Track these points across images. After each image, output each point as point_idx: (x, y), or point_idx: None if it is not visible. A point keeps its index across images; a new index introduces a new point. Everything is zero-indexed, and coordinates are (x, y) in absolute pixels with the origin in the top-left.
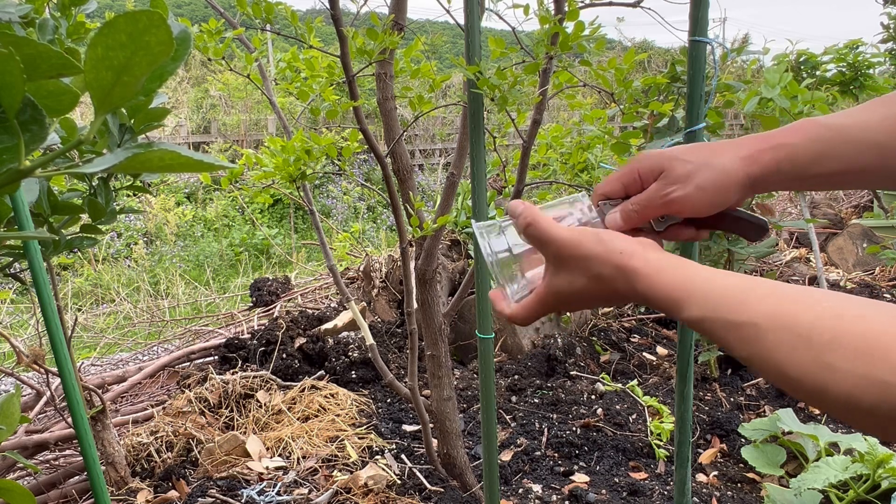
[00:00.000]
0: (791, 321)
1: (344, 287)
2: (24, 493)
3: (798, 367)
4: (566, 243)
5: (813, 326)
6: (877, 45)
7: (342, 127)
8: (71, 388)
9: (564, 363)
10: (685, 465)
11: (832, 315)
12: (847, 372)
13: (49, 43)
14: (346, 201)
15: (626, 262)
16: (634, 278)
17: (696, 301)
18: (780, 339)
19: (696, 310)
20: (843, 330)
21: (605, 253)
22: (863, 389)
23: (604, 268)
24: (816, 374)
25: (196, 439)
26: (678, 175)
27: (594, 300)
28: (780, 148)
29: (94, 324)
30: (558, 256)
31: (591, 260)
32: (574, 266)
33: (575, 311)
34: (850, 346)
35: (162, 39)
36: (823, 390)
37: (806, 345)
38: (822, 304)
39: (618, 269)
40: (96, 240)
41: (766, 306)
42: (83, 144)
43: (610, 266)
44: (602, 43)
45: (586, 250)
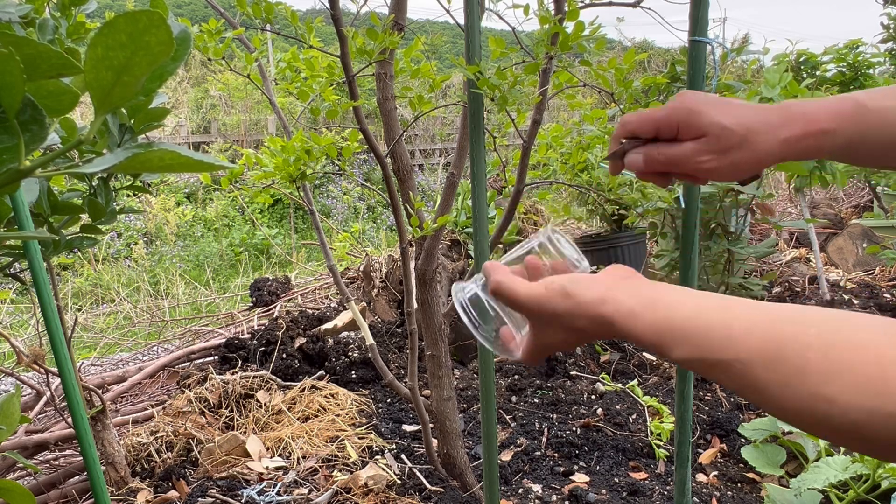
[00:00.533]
0: (780, 355)
1: (344, 287)
2: (24, 493)
3: (794, 402)
4: (533, 305)
5: (805, 359)
6: (877, 45)
7: (342, 127)
8: (71, 388)
9: (564, 363)
10: (685, 465)
11: (824, 344)
12: (847, 404)
13: (49, 43)
14: (346, 201)
15: (598, 312)
16: (611, 326)
17: (678, 343)
18: (772, 375)
19: (679, 352)
20: (838, 360)
21: (574, 307)
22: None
23: (577, 321)
24: (814, 407)
25: (196, 439)
26: (718, 145)
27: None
28: (821, 135)
29: (94, 324)
30: (531, 317)
31: (563, 317)
32: (549, 323)
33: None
34: (848, 379)
35: (162, 39)
36: (823, 422)
37: (800, 379)
38: (810, 334)
39: (592, 320)
40: (96, 240)
41: (753, 341)
42: (83, 144)
43: (584, 319)
44: (602, 43)
45: (554, 308)
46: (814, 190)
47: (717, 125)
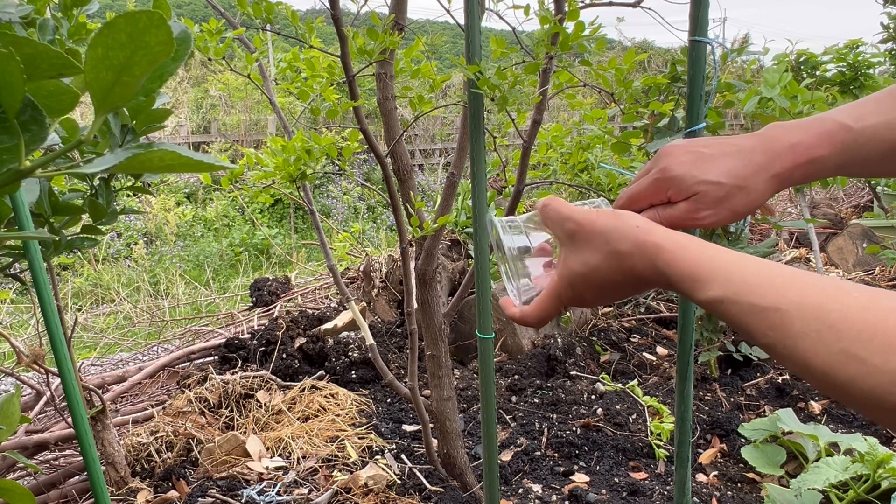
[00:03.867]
0: (819, 309)
1: (344, 287)
2: (24, 492)
3: (825, 358)
4: (582, 220)
5: (843, 316)
6: (877, 45)
7: (342, 127)
8: (71, 388)
9: (564, 363)
10: (685, 465)
11: (862, 306)
12: (877, 366)
13: (49, 43)
14: (346, 201)
15: (644, 238)
16: (654, 253)
17: (719, 281)
18: (808, 328)
19: (718, 289)
20: (874, 322)
21: (622, 226)
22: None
23: (621, 243)
24: (844, 365)
25: (196, 439)
26: (711, 200)
27: (609, 284)
28: (811, 164)
29: (94, 324)
30: (574, 235)
31: (608, 234)
32: (589, 243)
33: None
34: (883, 340)
35: (162, 39)
36: (850, 383)
37: (834, 335)
38: (851, 295)
39: (636, 244)
40: (97, 240)
41: (793, 293)
42: (84, 144)
43: (628, 241)
44: (602, 43)
45: (602, 225)
46: (814, 190)
47: (705, 183)
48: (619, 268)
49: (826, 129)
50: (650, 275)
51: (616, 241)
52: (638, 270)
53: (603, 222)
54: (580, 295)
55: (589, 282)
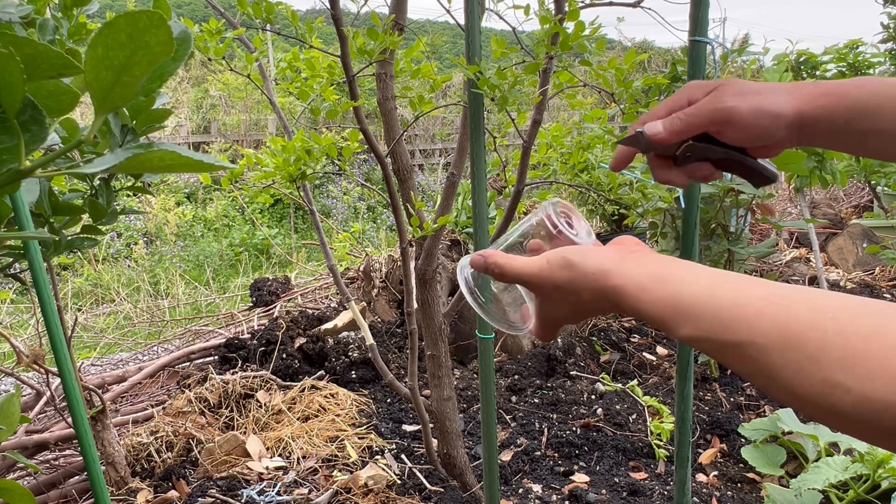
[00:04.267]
0: (796, 340)
1: (344, 287)
2: (24, 492)
3: (808, 389)
4: (534, 279)
5: (821, 344)
6: (877, 45)
7: (342, 127)
8: (71, 388)
9: (564, 363)
10: (685, 465)
11: (839, 331)
12: (864, 394)
13: (49, 43)
14: (346, 201)
15: (604, 284)
16: (617, 298)
17: (689, 320)
18: (786, 359)
19: (690, 329)
20: (854, 347)
21: (577, 279)
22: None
23: (582, 294)
24: (829, 395)
25: (196, 439)
26: (734, 90)
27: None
28: (835, 96)
29: (94, 324)
30: (534, 291)
31: (564, 289)
32: (550, 297)
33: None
34: (867, 366)
35: (162, 39)
36: (838, 412)
37: (815, 365)
38: (827, 318)
39: (597, 291)
40: (97, 240)
41: (766, 324)
42: (84, 145)
43: (587, 291)
44: (602, 43)
45: (555, 280)
46: (814, 190)
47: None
48: (589, 308)
49: (861, 80)
50: (620, 311)
51: (576, 292)
52: (608, 308)
53: (557, 278)
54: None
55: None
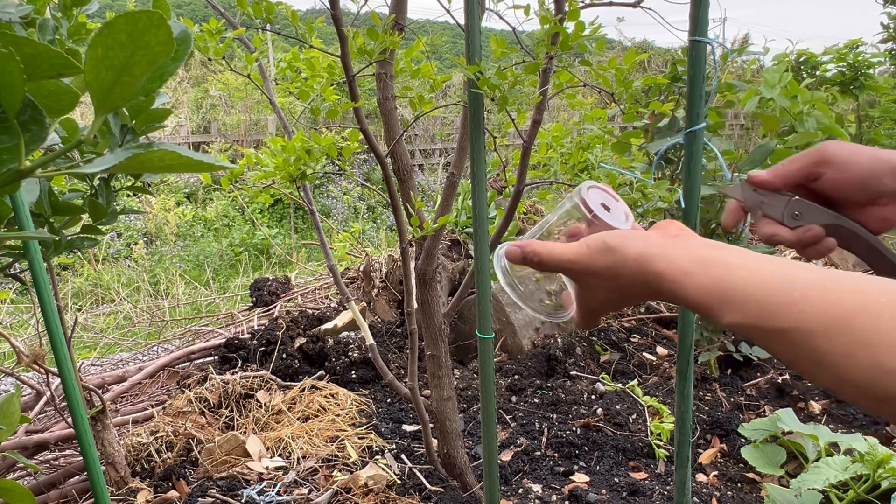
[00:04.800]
0: (845, 323)
1: (344, 287)
2: (24, 492)
3: (857, 373)
4: (574, 265)
5: (873, 328)
6: (877, 45)
7: (342, 127)
8: (71, 388)
9: (564, 363)
10: (685, 465)
11: (893, 315)
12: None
13: (49, 43)
14: (346, 201)
15: (644, 269)
16: (659, 283)
17: (734, 306)
18: (834, 345)
19: (735, 315)
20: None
21: (616, 263)
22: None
23: (621, 279)
24: (882, 380)
25: (196, 439)
26: (835, 147)
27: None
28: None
29: (94, 324)
30: (575, 278)
31: (603, 274)
32: (591, 283)
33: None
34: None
35: (162, 39)
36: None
37: (866, 350)
38: (879, 301)
39: (638, 277)
40: (97, 240)
41: (814, 308)
42: (84, 144)
43: (628, 276)
44: (602, 43)
45: (595, 265)
46: None
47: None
48: (632, 295)
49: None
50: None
51: (616, 278)
52: (647, 294)
53: (596, 263)
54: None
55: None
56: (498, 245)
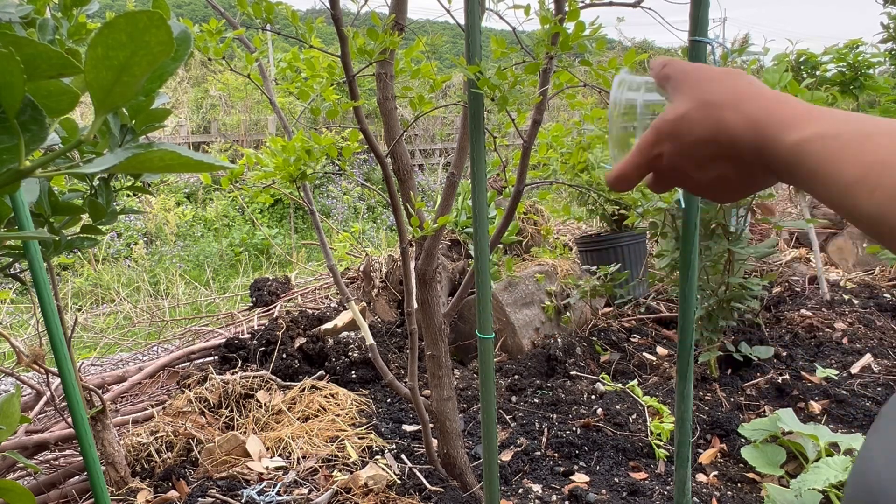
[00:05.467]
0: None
1: (344, 287)
2: (24, 492)
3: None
4: (681, 64)
5: None
6: (877, 45)
7: (342, 127)
8: (71, 388)
9: (564, 363)
10: (685, 465)
11: None
12: None
13: (49, 43)
14: (346, 201)
15: (746, 88)
16: (745, 100)
17: (820, 120)
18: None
19: (817, 126)
20: None
21: (725, 77)
22: None
23: (715, 94)
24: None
25: (196, 439)
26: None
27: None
28: None
29: (94, 324)
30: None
31: (705, 81)
32: (681, 89)
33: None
34: None
35: (162, 39)
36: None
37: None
38: None
39: (733, 93)
40: (96, 240)
41: None
42: (83, 144)
43: (725, 92)
44: (602, 43)
45: (704, 72)
46: None
47: None
48: (706, 118)
49: None
50: (738, 128)
51: (711, 91)
52: (726, 123)
53: (706, 70)
54: (661, 146)
55: (674, 131)
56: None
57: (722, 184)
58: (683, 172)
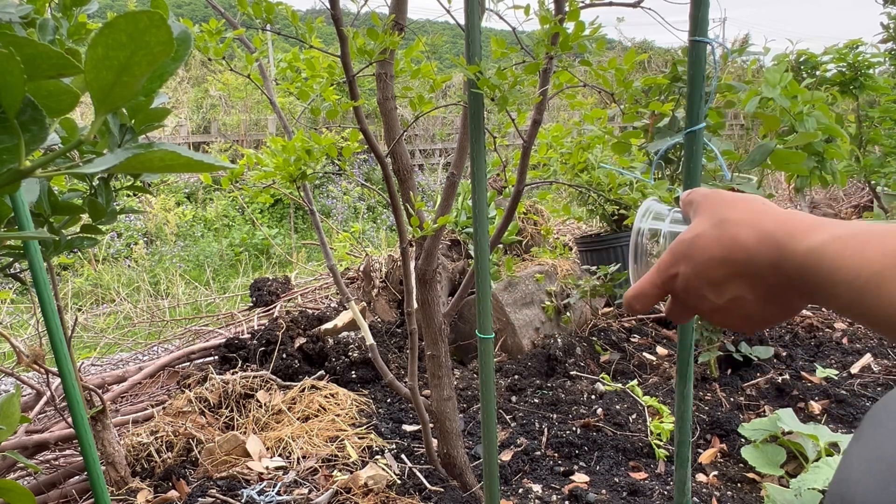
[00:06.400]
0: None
1: (344, 287)
2: (24, 492)
3: None
4: (706, 191)
5: None
6: (877, 45)
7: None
8: (71, 388)
9: (564, 363)
10: (685, 465)
11: None
12: None
13: (49, 43)
14: (346, 201)
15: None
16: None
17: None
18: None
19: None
20: None
21: (747, 198)
22: None
23: (733, 212)
24: None
25: (196, 439)
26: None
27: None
28: None
29: (94, 324)
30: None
31: (726, 202)
32: (702, 212)
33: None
34: None
35: (162, 39)
36: None
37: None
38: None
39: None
40: (96, 240)
41: None
42: (83, 144)
43: (742, 210)
44: (602, 43)
45: (726, 195)
46: (814, 190)
47: None
48: (721, 237)
49: None
50: (752, 243)
51: (727, 211)
52: (741, 239)
53: (724, 194)
54: (677, 266)
55: (689, 251)
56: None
57: (738, 306)
58: (698, 294)
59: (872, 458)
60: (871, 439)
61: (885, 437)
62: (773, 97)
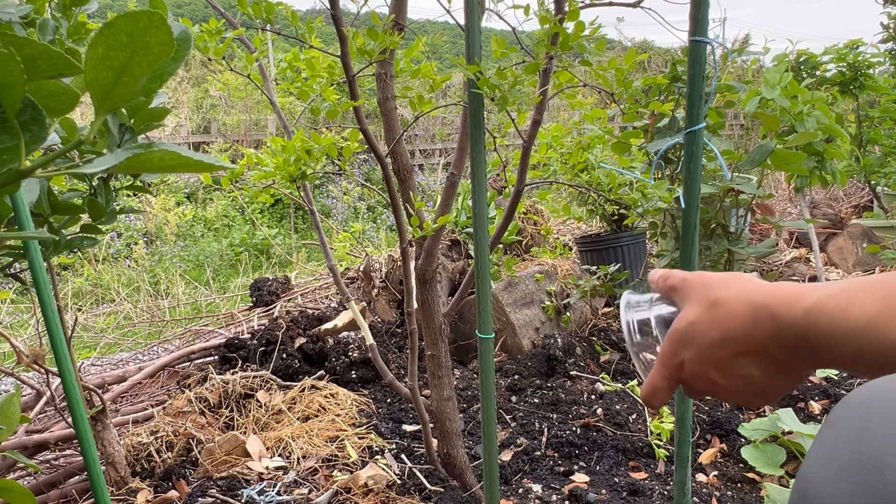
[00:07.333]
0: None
1: (344, 287)
2: (25, 492)
3: None
4: (685, 274)
5: None
6: (877, 45)
7: (342, 127)
8: (71, 388)
9: (564, 363)
10: (685, 465)
11: None
12: None
13: (49, 43)
14: (346, 201)
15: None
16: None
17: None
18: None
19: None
20: None
21: (730, 277)
22: None
23: (719, 291)
24: None
25: (196, 439)
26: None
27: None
28: None
29: (94, 324)
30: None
31: (710, 285)
32: (688, 297)
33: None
34: None
35: (162, 39)
36: None
37: None
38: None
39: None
40: (96, 240)
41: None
42: (83, 145)
43: (728, 288)
44: (602, 43)
45: (709, 277)
46: (814, 190)
47: None
48: (717, 317)
49: None
50: (745, 317)
51: (716, 292)
52: (737, 316)
53: (708, 275)
54: (680, 354)
55: (688, 338)
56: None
57: (748, 384)
58: (707, 377)
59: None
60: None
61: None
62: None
